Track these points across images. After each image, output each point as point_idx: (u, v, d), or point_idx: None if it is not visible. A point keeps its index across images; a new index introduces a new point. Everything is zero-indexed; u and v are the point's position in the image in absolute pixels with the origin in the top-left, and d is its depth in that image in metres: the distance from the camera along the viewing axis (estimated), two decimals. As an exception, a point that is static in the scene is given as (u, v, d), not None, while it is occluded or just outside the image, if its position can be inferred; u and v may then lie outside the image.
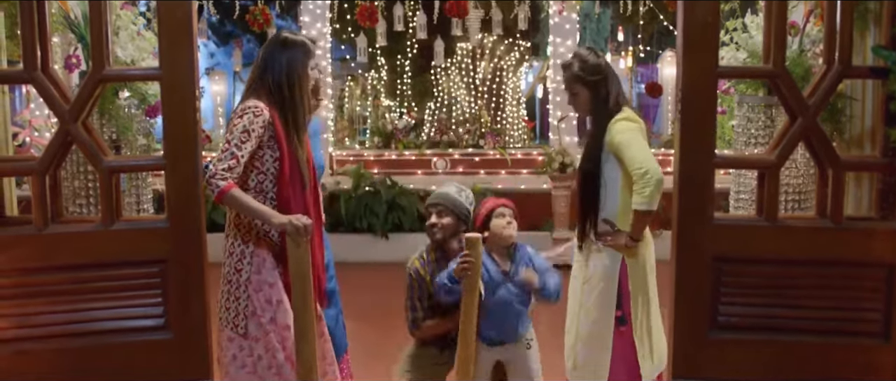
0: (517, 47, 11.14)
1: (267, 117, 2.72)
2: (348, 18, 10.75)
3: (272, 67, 2.81)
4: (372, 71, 11.76)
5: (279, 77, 2.79)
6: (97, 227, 2.82)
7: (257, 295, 2.78)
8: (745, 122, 3.63)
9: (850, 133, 3.21)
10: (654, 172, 2.87)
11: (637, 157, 2.90)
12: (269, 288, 2.79)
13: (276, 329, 2.79)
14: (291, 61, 2.81)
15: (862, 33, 3.03)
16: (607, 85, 3.07)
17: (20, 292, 2.79)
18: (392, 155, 9.65)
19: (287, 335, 2.79)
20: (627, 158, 2.92)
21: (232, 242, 2.80)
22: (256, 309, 2.78)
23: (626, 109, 3.06)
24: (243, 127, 2.69)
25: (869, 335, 2.84)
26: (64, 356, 2.80)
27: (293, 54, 2.81)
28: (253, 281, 2.77)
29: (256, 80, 2.83)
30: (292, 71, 2.80)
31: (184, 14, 2.72)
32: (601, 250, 3.06)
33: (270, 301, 2.79)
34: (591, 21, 11.23)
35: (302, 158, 2.84)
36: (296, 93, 2.80)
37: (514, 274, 3.07)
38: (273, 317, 2.78)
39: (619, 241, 2.98)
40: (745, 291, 2.86)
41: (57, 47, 3.57)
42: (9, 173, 3.11)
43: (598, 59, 3.08)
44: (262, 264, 2.79)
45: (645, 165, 2.87)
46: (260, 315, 2.78)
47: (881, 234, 2.82)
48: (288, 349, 2.79)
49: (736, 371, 2.86)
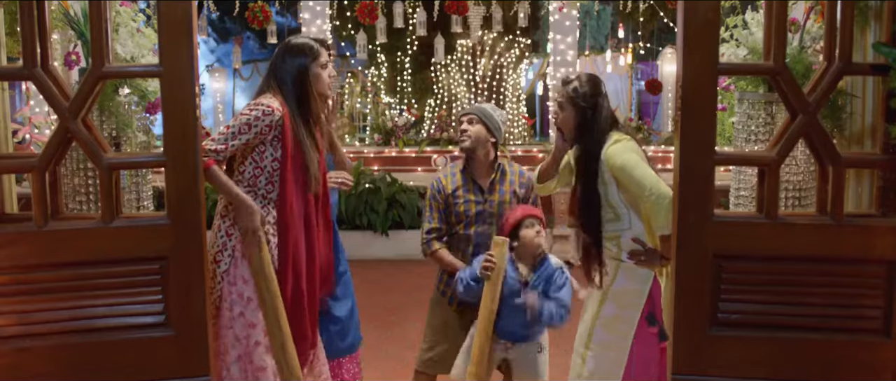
0: (517, 44, 11.14)
1: (277, 118, 2.79)
2: (348, 15, 10.75)
3: (281, 73, 2.91)
4: (372, 68, 11.76)
5: (288, 83, 2.88)
6: (97, 224, 2.82)
7: (231, 288, 2.84)
8: (746, 119, 3.63)
9: (851, 130, 3.21)
10: (664, 195, 2.89)
11: (643, 183, 2.91)
12: (243, 283, 2.84)
13: (243, 325, 2.83)
14: (298, 66, 2.88)
15: (862, 30, 3.03)
16: (595, 114, 3.07)
17: (20, 290, 2.79)
18: (392, 152, 9.65)
19: (251, 332, 2.82)
20: (634, 184, 2.94)
21: (215, 233, 2.90)
22: (227, 301, 2.83)
23: (614, 133, 3.06)
24: (247, 120, 2.80)
25: (869, 332, 2.84)
26: (64, 353, 2.80)
27: (299, 59, 2.88)
28: (230, 273, 2.84)
29: (267, 84, 2.92)
30: (300, 76, 2.87)
31: (184, 11, 2.72)
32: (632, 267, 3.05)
33: (242, 296, 2.84)
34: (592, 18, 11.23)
35: (310, 162, 2.88)
36: (305, 97, 2.88)
37: (534, 284, 3.10)
38: (242, 311, 2.83)
39: (654, 261, 2.99)
40: (746, 288, 2.86)
41: (57, 44, 3.57)
42: (9, 170, 3.11)
43: (594, 91, 3.10)
44: (241, 259, 2.83)
45: (654, 190, 2.89)
46: (229, 309, 2.82)
47: (882, 230, 2.82)
48: (249, 346, 2.82)
49: (736, 368, 2.86)
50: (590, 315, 3.13)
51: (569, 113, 3.11)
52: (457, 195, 3.30)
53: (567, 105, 3.11)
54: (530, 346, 3.21)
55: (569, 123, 3.12)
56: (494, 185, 3.30)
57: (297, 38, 2.98)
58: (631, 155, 2.99)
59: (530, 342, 3.21)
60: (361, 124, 11.30)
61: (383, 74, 11.55)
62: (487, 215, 3.29)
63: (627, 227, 3.07)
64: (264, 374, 2.81)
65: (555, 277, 3.17)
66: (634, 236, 3.04)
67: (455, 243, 3.34)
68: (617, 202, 3.06)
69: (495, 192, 3.29)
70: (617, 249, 3.09)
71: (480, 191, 3.30)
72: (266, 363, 2.82)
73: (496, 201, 3.29)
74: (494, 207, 3.29)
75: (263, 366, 2.82)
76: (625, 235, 3.07)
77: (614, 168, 2.99)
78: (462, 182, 3.32)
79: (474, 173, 3.31)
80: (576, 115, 3.09)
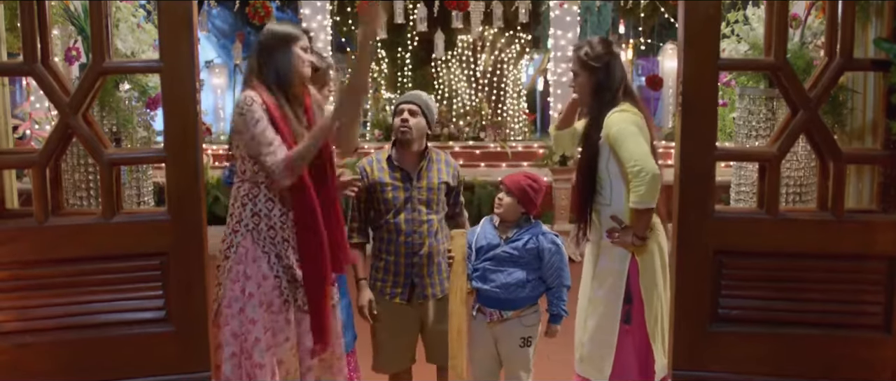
0: (518, 40, 11.12)
1: (260, 103, 2.75)
2: (349, 11, 10.74)
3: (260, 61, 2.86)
4: (372, 63, 11.75)
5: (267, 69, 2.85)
6: (98, 220, 2.82)
7: (234, 285, 2.83)
8: (747, 114, 3.62)
9: (852, 126, 3.20)
10: (648, 170, 2.87)
11: (631, 154, 2.91)
12: (245, 280, 2.82)
13: (242, 321, 2.82)
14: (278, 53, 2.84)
15: (863, 26, 3.02)
16: (608, 76, 3.09)
17: (21, 285, 2.79)
18: (392, 148, 9.62)
19: (251, 329, 2.81)
20: (622, 154, 2.94)
21: (226, 230, 2.87)
22: (228, 298, 2.82)
23: (624, 102, 3.07)
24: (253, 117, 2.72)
25: (870, 328, 2.84)
26: (65, 349, 2.80)
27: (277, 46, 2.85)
28: (233, 270, 2.83)
29: (249, 74, 2.89)
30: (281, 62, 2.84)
31: (184, 6, 2.72)
32: (611, 245, 3.08)
33: (244, 292, 2.82)
34: (592, 14, 11.20)
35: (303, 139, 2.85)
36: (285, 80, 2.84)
37: (512, 240, 3.21)
38: (242, 308, 2.81)
39: (626, 239, 3.00)
40: (746, 284, 2.86)
41: (57, 40, 3.56)
42: (9, 166, 3.11)
43: (606, 50, 3.12)
44: (245, 256, 2.83)
45: (639, 163, 2.88)
46: (229, 305, 2.82)
47: (882, 226, 2.81)
48: (248, 341, 2.81)
49: (737, 364, 2.86)
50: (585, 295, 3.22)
51: (583, 78, 3.14)
52: (383, 183, 3.28)
53: (581, 70, 3.14)
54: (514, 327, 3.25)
55: (585, 89, 3.15)
56: (422, 172, 3.29)
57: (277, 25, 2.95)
58: (628, 125, 2.98)
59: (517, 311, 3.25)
60: (362, 120, 11.30)
61: (384, 70, 11.54)
62: (415, 201, 3.27)
63: (607, 202, 3.09)
64: (262, 372, 2.80)
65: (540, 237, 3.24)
66: (613, 214, 3.06)
67: (384, 231, 3.32)
68: (604, 173, 3.08)
69: (423, 178, 3.28)
70: (599, 223, 3.14)
71: (408, 179, 3.28)
72: (265, 360, 2.81)
73: (424, 186, 3.27)
74: (422, 193, 3.28)
75: (262, 363, 2.81)
76: (604, 211, 3.10)
77: (609, 136, 3.01)
78: (389, 169, 3.31)
79: (402, 162, 3.30)
80: (590, 77, 3.12)
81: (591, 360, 3.15)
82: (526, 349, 3.26)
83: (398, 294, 3.29)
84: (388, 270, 3.30)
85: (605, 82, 3.10)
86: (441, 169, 3.33)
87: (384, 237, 3.30)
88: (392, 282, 3.29)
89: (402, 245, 3.25)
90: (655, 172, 2.89)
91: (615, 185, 3.07)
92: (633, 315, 3.07)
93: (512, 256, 3.19)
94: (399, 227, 3.24)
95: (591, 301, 3.17)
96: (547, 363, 4.57)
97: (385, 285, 3.31)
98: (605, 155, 3.07)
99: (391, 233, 3.27)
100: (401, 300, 3.29)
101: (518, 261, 3.19)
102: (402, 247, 3.25)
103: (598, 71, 3.10)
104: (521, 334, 3.24)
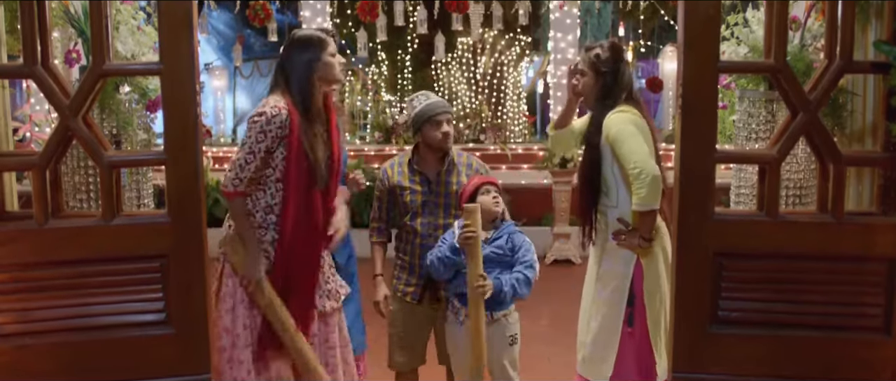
0: (518, 42, 11.13)
1: (284, 117, 2.76)
2: (349, 13, 10.74)
3: (290, 67, 2.87)
4: (372, 66, 11.74)
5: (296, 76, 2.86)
6: (98, 222, 2.82)
7: (228, 280, 2.86)
8: (746, 117, 3.62)
9: (852, 128, 3.20)
10: (648, 171, 2.89)
11: (631, 155, 2.92)
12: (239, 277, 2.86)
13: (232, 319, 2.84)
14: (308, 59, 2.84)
15: (863, 28, 3.02)
16: (616, 81, 3.13)
17: (20, 287, 2.79)
18: (393, 150, 9.63)
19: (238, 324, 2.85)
20: (621, 156, 2.96)
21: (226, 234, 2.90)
22: (224, 295, 2.89)
23: (623, 103, 3.09)
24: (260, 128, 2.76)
25: (870, 330, 2.84)
26: (65, 351, 2.80)
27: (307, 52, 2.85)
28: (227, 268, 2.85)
29: (276, 80, 2.90)
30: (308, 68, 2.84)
31: (184, 8, 2.72)
32: (615, 248, 3.09)
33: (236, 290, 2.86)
34: (592, 16, 11.21)
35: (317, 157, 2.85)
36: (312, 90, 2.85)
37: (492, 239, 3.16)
38: (234, 306, 2.84)
39: (632, 241, 3.01)
40: (746, 286, 2.86)
41: (57, 42, 3.56)
42: (9, 168, 3.11)
43: (617, 56, 3.16)
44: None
45: (639, 165, 2.90)
46: (225, 301, 2.87)
47: (882, 229, 2.81)
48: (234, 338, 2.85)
49: (736, 366, 2.86)
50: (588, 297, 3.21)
51: (590, 79, 3.18)
52: (402, 187, 3.30)
53: (589, 71, 3.18)
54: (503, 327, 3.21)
55: (589, 90, 3.18)
56: (441, 175, 3.29)
57: (303, 31, 2.95)
58: (627, 126, 3.00)
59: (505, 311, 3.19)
60: (362, 122, 11.29)
61: (384, 72, 11.55)
62: (434, 205, 3.29)
63: (614, 205, 3.11)
64: (240, 368, 2.84)
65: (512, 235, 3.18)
66: (620, 216, 3.07)
67: (403, 232, 3.34)
68: (609, 175, 3.09)
69: (442, 183, 3.29)
70: (604, 225, 3.13)
71: (427, 182, 3.30)
72: (244, 357, 2.85)
73: (443, 191, 3.29)
74: (440, 197, 3.29)
75: (241, 360, 2.85)
76: (611, 213, 3.10)
77: (609, 137, 3.02)
78: (408, 173, 3.32)
79: (423, 166, 3.31)
80: (597, 80, 3.16)
81: (592, 361, 3.16)
82: (514, 347, 3.27)
83: (410, 293, 3.33)
84: (404, 268, 3.38)
85: (611, 87, 3.13)
86: (462, 172, 3.34)
87: (403, 238, 3.37)
88: (406, 281, 3.36)
89: (418, 247, 3.30)
90: (655, 173, 2.90)
91: (621, 187, 3.09)
92: (635, 318, 3.08)
93: (497, 255, 3.16)
94: (415, 229, 3.28)
95: (594, 303, 3.18)
96: (547, 365, 4.57)
97: (399, 283, 3.38)
98: (608, 158, 3.08)
99: (409, 234, 3.33)
100: (412, 300, 3.33)
101: (502, 260, 3.17)
102: (418, 249, 3.29)
103: (606, 75, 3.14)
104: (509, 332, 3.24)
